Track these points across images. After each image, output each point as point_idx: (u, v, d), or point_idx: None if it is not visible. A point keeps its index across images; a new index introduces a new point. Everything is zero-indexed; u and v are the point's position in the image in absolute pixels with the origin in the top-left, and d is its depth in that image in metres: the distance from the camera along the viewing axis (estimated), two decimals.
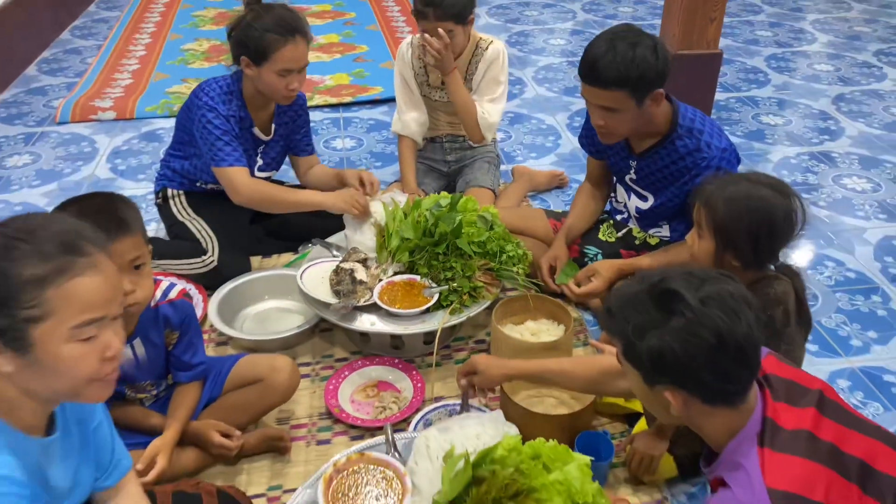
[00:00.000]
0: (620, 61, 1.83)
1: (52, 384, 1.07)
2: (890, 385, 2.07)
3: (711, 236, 1.58)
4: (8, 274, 1.00)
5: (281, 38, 2.15)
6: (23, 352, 1.02)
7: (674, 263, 1.98)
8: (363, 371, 2.05)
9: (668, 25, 3.47)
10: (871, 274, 2.53)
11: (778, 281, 1.59)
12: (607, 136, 2.01)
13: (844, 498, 1.11)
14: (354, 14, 5.22)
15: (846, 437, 1.17)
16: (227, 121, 2.24)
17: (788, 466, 1.12)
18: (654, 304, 1.15)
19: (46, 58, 4.45)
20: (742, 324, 1.11)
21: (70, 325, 1.03)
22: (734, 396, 1.16)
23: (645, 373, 1.19)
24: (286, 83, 2.21)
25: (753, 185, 1.56)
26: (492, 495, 1.27)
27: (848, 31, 4.99)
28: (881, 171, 3.21)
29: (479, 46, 2.62)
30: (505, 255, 2.13)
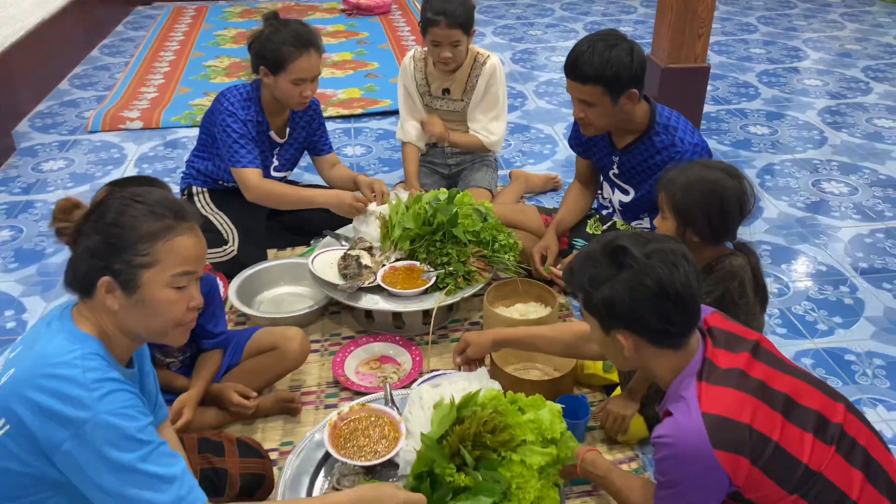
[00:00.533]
0: (598, 60, 2.05)
1: (147, 322, 1.28)
2: (850, 363, 2.26)
3: (672, 217, 1.78)
4: (133, 227, 1.23)
5: (296, 51, 2.40)
6: (130, 292, 1.24)
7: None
8: (367, 347, 2.26)
9: (658, 41, 3.70)
10: (840, 267, 2.72)
11: (734, 257, 1.79)
12: (587, 128, 2.22)
13: (768, 424, 1.30)
14: (367, 34, 5.50)
15: (775, 376, 1.37)
16: (245, 125, 2.48)
17: (721, 396, 1.31)
18: (606, 259, 1.36)
19: (78, 73, 4.75)
20: (680, 273, 1.31)
21: (170, 274, 1.25)
22: (677, 338, 1.36)
23: (601, 320, 1.39)
24: (300, 91, 2.45)
25: (706, 170, 1.76)
26: (472, 430, 1.47)
27: (839, 48, 5.20)
28: (859, 176, 3.40)
29: (476, 60, 2.86)
30: (497, 244, 2.34)
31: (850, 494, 1.29)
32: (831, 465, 1.30)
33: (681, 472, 1.33)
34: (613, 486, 1.60)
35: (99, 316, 1.27)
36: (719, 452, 1.26)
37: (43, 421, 1.14)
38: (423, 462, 1.47)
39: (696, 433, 1.28)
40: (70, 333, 1.23)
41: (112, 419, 1.15)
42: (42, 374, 1.16)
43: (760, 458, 1.28)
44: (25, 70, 4.09)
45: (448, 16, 2.66)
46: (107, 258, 1.23)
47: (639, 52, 2.11)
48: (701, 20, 3.53)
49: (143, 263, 1.23)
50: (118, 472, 1.14)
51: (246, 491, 1.66)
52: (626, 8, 6.22)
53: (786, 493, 1.29)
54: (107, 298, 1.24)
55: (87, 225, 1.26)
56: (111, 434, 1.14)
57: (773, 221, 3.03)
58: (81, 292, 1.28)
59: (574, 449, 1.57)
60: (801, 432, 1.31)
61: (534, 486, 1.43)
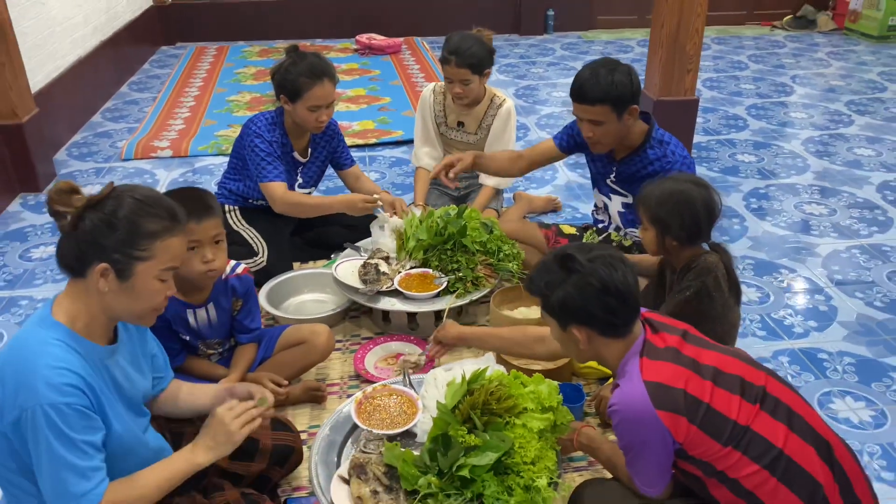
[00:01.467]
0: (603, 83, 2.32)
1: (131, 306, 1.44)
2: (822, 360, 2.48)
3: (651, 227, 2.03)
4: (138, 226, 1.40)
5: (310, 81, 2.67)
6: (123, 280, 1.40)
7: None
8: (385, 345, 2.50)
9: (650, 76, 4.00)
10: (817, 279, 2.96)
11: (708, 255, 2.03)
12: (596, 146, 2.48)
13: (700, 389, 1.52)
14: (379, 72, 5.84)
15: (703, 354, 1.59)
16: (271, 145, 2.76)
17: (659, 368, 1.54)
18: (557, 266, 1.60)
19: (109, 107, 5.08)
20: (619, 273, 1.56)
21: (160, 268, 1.43)
22: (621, 328, 1.59)
23: (558, 319, 1.63)
24: (315, 116, 2.73)
25: (677, 182, 2.01)
26: (481, 399, 1.71)
27: (824, 84, 5.51)
28: (838, 199, 3.66)
29: (493, 101, 3.15)
30: (502, 253, 2.60)
31: (776, 444, 1.49)
32: (757, 421, 1.50)
33: (633, 435, 1.55)
34: (604, 455, 1.81)
35: (82, 296, 1.42)
36: (660, 412, 1.48)
37: (3, 394, 1.34)
38: (439, 427, 1.70)
39: (640, 397, 1.50)
40: (41, 323, 1.40)
41: (51, 411, 1.31)
42: (9, 358, 1.37)
43: (696, 417, 1.49)
44: (63, 103, 4.41)
45: (459, 55, 2.95)
46: (108, 248, 1.38)
47: (635, 73, 2.39)
48: (689, 57, 3.83)
49: (141, 257, 1.40)
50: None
51: (277, 461, 1.87)
52: (623, 48, 6.56)
53: (721, 446, 1.50)
54: (100, 282, 1.39)
55: (92, 214, 1.39)
56: (49, 422, 1.31)
57: (758, 239, 3.28)
58: (73, 272, 1.42)
59: (570, 423, 1.80)
60: (729, 395, 1.52)
61: (534, 447, 1.66)
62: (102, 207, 1.39)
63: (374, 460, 1.70)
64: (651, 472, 1.58)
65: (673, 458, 1.56)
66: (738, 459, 1.49)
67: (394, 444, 1.72)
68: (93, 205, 1.39)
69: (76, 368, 1.37)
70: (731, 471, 1.50)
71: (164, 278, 1.46)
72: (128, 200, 1.40)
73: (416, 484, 1.62)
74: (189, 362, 2.18)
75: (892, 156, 4.18)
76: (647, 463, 1.57)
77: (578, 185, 3.82)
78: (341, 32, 6.77)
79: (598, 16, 7.18)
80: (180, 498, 1.62)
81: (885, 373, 2.42)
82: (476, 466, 1.60)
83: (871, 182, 3.85)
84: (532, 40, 6.85)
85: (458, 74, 2.99)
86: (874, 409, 2.27)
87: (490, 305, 2.52)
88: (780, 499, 1.47)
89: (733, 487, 1.50)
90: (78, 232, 1.39)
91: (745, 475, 1.49)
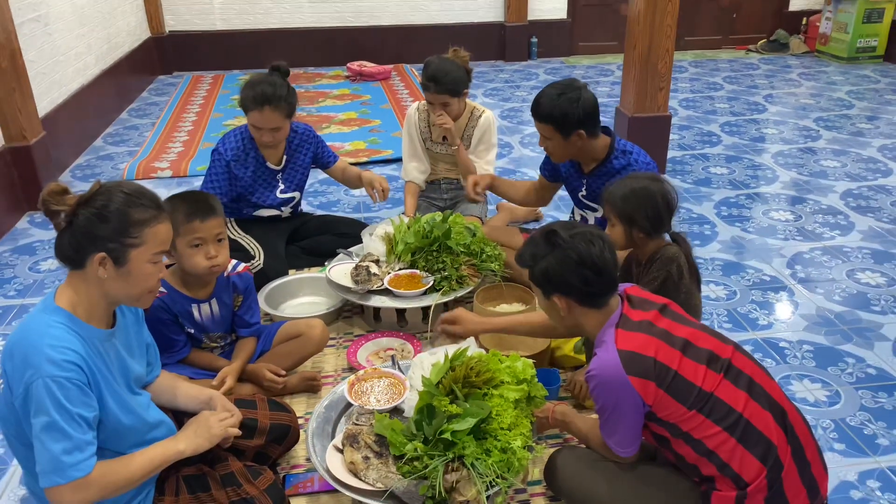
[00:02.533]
0: (547, 104, 2.53)
1: (129, 290, 1.59)
2: (783, 349, 2.67)
3: (619, 223, 2.21)
4: (128, 216, 1.54)
5: (252, 106, 2.80)
6: (120, 266, 1.55)
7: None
8: (376, 341, 2.67)
9: (625, 94, 4.24)
10: (782, 277, 3.16)
11: (670, 246, 2.22)
12: (550, 155, 2.70)
13: (669, 357, 1.68)
14: (369, 97, 6.09)
15: (676, 327, 1.75)
16: (225, 163, 2.92)
17: (632, 338, 1.71)
18: (542, 241, 1.79)
19: (110, 132, 5.29)
20: (596, 248, 1.74)
21: (152, 252, 1.58)
22: (598, 298, 1.77)
23: (542, 288, 1.81)
24: (259, 135, 2.89)
25: (636, 180, 2.21)
26: (462, 373, 1.88)
27: (795, 103, 5.77)
28: (804, 205, 3.88)
29: (473, 114, 3.37)
30: (484, 254, 2.78)
31: (737, 408, 1.66)
32: (720, 388, 1.67)
33: (606, 398, 1.71)
34: (577, 428, 1.97)
35: (83, 285, 1.56)
36: (632, 378, 1.65)
37: (13, 373, 1.49)
38: (424, 399, 1.87)
39: (613, 364, 1.67)
40: (44, 309, 1.55)
41: (52, 384, 1.45)
42: (17, 340, 1.52)
43: (664, 382, 1.65)
44: (68, 128, 4.61)
45: (436, 83, 3.17)
46: (103, 238, 1.52)
47: (587, 99, 2.54)
48: (661, 75, 4.07)
49: (133, 244, 1.55)
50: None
51: (275, 438, 2.03)
52: (604, 71, 6.84)
53: (686, 409, 1.66)
54: (99, 270, 1.54)
55: (85, 210, 1.52)
56: (49, 393, 1.45)
57: (726, 243, 3.48)
58: (72, 265, 1.57)
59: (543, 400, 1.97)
60: (696, 364, 1.68)
61: (510, 414, 1.83)
62: (94, 203, 1.54)
63: (366, 431, 1.87)
64: (624, 434, 1.73)
65: (643, 422, 1.72)
66: (702, 422, 1.65)
67: (383, 416, 1.89)
68: (84, 202, 1.54)
69: (76, 348, 1.52)
70: (695, 432, 1.66)
71: (156, 261, 1.61)
72: (117, 194, 1.55)
73: (404, 449, 1.79)
74: (193, 354, 2.35)
75: (855, 167, 4.41)
76: (621, 426, 1.72)
77: (559, 197, 4.01)
78: (333, 60, 7.04)
79: (580, 42, 7.48)
80: (188, 468, 1.79)
81: (841, 358, 2.61)
82: (457, 431, 1.77)
83: (835, 190, 4.07)
84: (516, 66, 7.13)
85: (438, 99, 3.21)
86: (829, 390, 2.45)
87: (474, 302, 2.71)
88: (738, 457, 1.63)
89: (697, 447, 1.66)
90: (73, 227, 1.54)
91: (707, 436, 1.65)
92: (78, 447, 1.49)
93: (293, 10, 6.98)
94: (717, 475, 1.65)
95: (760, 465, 1.62)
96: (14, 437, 1.60)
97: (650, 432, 1.76)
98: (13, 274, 3.27)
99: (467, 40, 6.82)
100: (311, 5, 6.98)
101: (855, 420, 2.31)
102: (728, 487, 1.65)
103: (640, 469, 1.80)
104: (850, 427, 2.28)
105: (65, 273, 1.61)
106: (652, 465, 1.84)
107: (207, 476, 1.76)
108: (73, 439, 1.48)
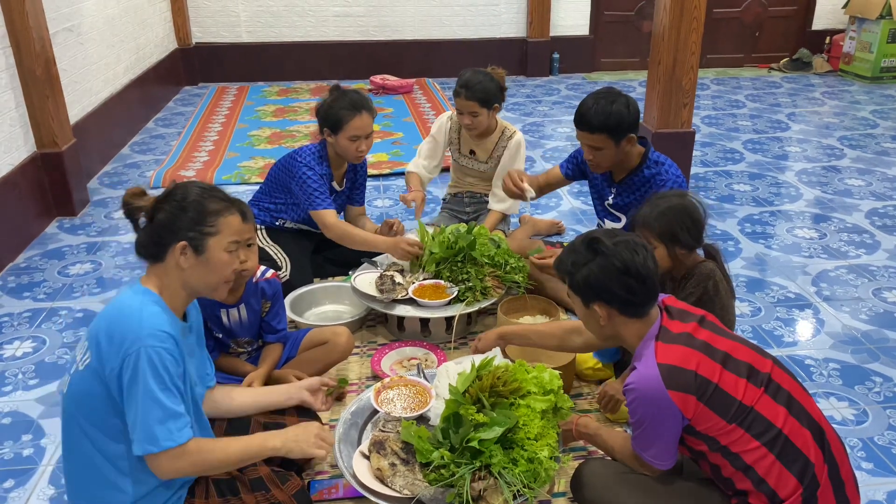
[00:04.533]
0: (602, 113, 2.54)
1: (207, 278, 1.69)
2: (809, 366, 2.65)
3: (659, 243, 2.18)
4: (205, 206, 1.68)
5: (349, 113, 2.90)
6: (199, 254, 1.66)
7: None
8: (400, 350, 2.69)
9: (649, 110, 4.24)
10: (807, 295, 3.14)
11: (706, 262, 2.21)
12: (596, 167, 2.69)
13: (710, 371, 1.67)
14: (392, 110, 6.13)
15: (716, 339, 1.74)
16: (321, 177, 2.98)
17: (672, 351, 1.70)
18: (584, 248, 1.79)
19: (137, 141, 5.37)
20: (640, 257, 1.74)
21: (227, 241, 1.70)
22: (639, 308, 1.77)
23: (582, 296, 1.81)
24: (356, 146, 2.96)
25: (664, 199, 2.19)
26: (489, 382, 1.89)
27: (818, 121, 5.75)
28: (829, 224, 3.86)
29: (504, 133, 3.39)
30: (508, 266, 2.80)
31: (776, 424, 1.65)
32: (760, 403, 1.66)
33: (645, 411, 1.69)
34: (602, 440, 1.97)
35: (164, 278, 1.66)
36: (672, 392, 1.63)
37: (109, 347, 1.55)
38: (451, 408, 1.88)
39: (653, 378, 1.65)
40: (136, 291, 1.65)
41: (153, 353, 1.53)
42: (114, 316, 1.59)
43: (704, 396, 1.64)
44: (97, 136, 4.69)
45: (468, 89, 3.19)
46: (182, 228, 1.65)
47: (634, 104, 2.60)
48: (685, 92, 4.07)
49: (210, 232, 1.67)
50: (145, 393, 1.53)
51: None
52: (626, 87, 6.84)
53: (726, 423, 1.65)
54: (180, 259, 1.64)
55: (164, 205, 1.67)
56: (150, 362, 1.52)
57: (751, 259, 3.47)
58: (153, 258, 1.68)
59: (570, 412, 1.97)
60: (736, 378, 1.67)
61: (537, 424, 1.83)
62: (172, 198, 1.68)
63: (392, 438, 1.88)
64: (661, 448, 1.72)
65: (681, 435, 1.70)
66: (741, 436, 1.63)
67: (410, 423, 1.90)
68: (163, 199, 1.69)
69: (171, 327, 1.61)
70: (733, 446, 1.64)
71: (231, 250, 1.71)
72: (193, 189, 1.70)
73: (430, 457, 1.79)
74: (220, 359, 2.37)
75: (881, 186, 4.39)
76: (659, 439, 1.71)
77: (581, 211, 4.04)
78: (357, 74, 7.11)
79: (602, 58, 7.51)
80: None
81: (868, 377, 2.59)
82: (484, 440, 1.77)
83: (860, 209, 4.04)
84: (538, 81, 7.16)
85: (467, 106, 3.22)
86: (856, 409, 2.43)
87: (497, 313, 2.71)
88: (775, 473, 1.62)
89: (734, 461, 1.65)
90: (154, 222, 1.67)
91: (746, 450, 1.63)
92: (172, 416, 1.55)
93: (318, 24, 7.07)
94: (752, 490, 1.64)
95: (797, 482, 1.61)
96: (85, 419, 1.61)
97: (686, 446, 1.74)
98: (43, 277, 3.32)
99: (489, 55, 6.88)
100: (335, 19, 7.07)
101: (883, 439, 2.29)
102: (762, 502, 1.64)
103: (670, 482, 1.79)
104: (878, 446, 2.26)
105: (94, 278, 1.67)
106: (681, 478, 1.83)
107: (237, 480, 1.78)
108: (168, 409, 1.55)
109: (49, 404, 2.50)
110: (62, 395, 1.68)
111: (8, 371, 2.67)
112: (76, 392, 1.62)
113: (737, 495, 1.69)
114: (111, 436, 1.61)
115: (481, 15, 7.18)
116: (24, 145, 3.76)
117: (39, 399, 2.52)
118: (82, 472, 1.66)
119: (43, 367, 2.69)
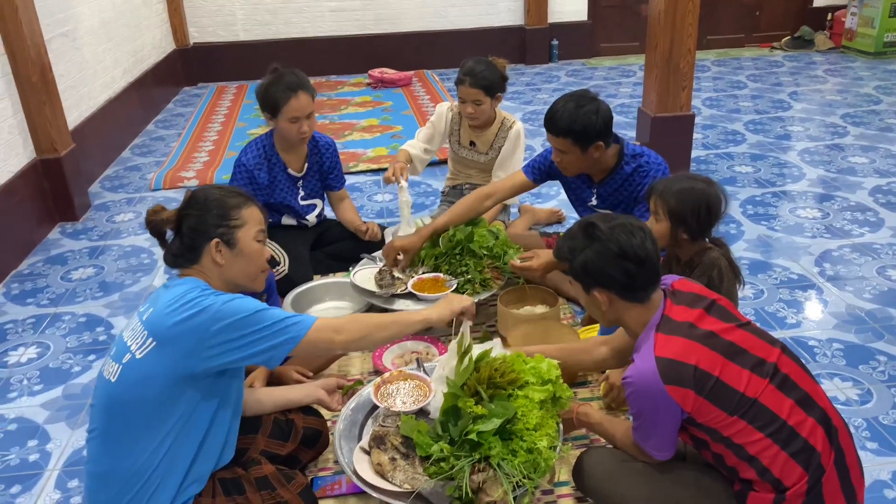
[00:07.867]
0: (568, 118, 2.47)
1: (245, 268, 1.80)
2: (813, 347, 2.63)
3: (666, 219, 2.15)
4: (226, 202, 1.78)
5: (286, 95, 2.83)
6: (232, 247, 1.76)
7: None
8: (401, 344, 2.68)
9: (647, 94, 4.22)
10: (810, 275, 3.12)
11: (711, 251, 2.18)
12: (564, 170, 2.65)
13: (710, 363, 1.63)
14: (391, 103, 6.12)
15: (722, 327, 1.70)
16: (248, 171, 2.95)
17: (672, 343, 1.66)
18: (581, 234, 1.78)
19: (137, 144, 5.38)
20: (637, 239, 1.72)
21: (255, 229, 1.80)
22: (640, 292, 1.75)
23: (582, 282, 1.80)
24: (297, 127, 2.90)
25: (692, 181, 2.16)
26: (486, 374, 1.89)
27: (821, 99, 5.69)
28: (832, 203, 3.83)
29: (504, 123, 3.37)
30: (507, 257, 2.79)
31: (781, 415, 1.62)
32: (765, 394, 1.62)
33: (643, 405, 1.68)
34: (603, 429, 1.96)
35: (202, 276, 1.75)
36: (669, 387, 1.60)
37: (187, 325, 1.59)
38: (449, 400, 1.87)
39: (650, 373, 1.62)
40: (183, 282, 1.71)
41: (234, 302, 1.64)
42: (175, 302, 1.63)
43: (703, 389, 1.61)
44: (96, 140, 4.70)
45: (473, 77, 3.17)
46: (212, 227, 1.75)
47: (605, 110, 2.50)
48: (683, 74, 4.04)
49: (237, 225, 1.78)
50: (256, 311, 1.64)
51: (307, 442, 2.06)
52: (625, 72, 6.81)
53: (727, 415, 1.62)
54: (216, 256, 1.75)
55: (190, 210, 1.78)
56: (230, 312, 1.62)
57: (753, 241, 3.44)
58: (188, 262, 1.77)
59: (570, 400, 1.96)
60: (740, 369, 1.64)
61: (535, 415, 1.82)
62: (195, 202, 1.79)
63: (392, 432, 1.88)
64: (660, 439, 1.70)
65: (680, 426, 1.68)
66: (744, 428, 1.60)
67: (409, 417, 1.90)
68: (186, 206, 1.80)
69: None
70: (736, 437, 1.62)
71: (260, 238, 1.83)
72: (211, 191, 1.83)
73: (430, 450, 1.79)
74: None
75: (885, 162, 4.34)
76: (657, 431, 1.70)
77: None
78: (355, 68, 7.09)
79: (601, 43, 7.46)
80: (222, 471, 1.81)
81: (873, 356, 2.57)
82: (483, 431, 1.77)
83: (864, 187, 4.01)
84: (538, 69, 7.13)
85: (471, 95, 3.20)
86: (861, 389, 2.41)
87: (497, 305, 2.71)
88: (780, 463, 1.59)
89: (738, 452, 1.63)
90: (184, 230, 1.77)
91: (749, 441, 1.61)
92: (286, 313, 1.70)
93: (314, 20, 7.05)
94: (757, 479, 1.62)
95: (802, 470, 1.59)
96: (137, 402, 1.61)
97: (689, 435, 1.73)
98: (46, 283, 3.34)
99: (488, 45, 6.84)
100: (331, 14, 7.05)
101: (888, 419, 2.27)
102: (766, 490, 1.62)
103: (673, 469, 1.77)
104: (883, 426, 2.24)
105: (97, 282, 1.70)
106: (684, 465, 1.82)
107: (242, 479, 1.79)
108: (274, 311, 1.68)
109: (54, 409, 2.52)
110: (104, 386, 1.66)
111: (13, 377, 2.69)
112: (132, 379, 1.62)
113: (741, 483, 1.68)
114: (162, 416, 1.63)
115: (478, 4, 7.14)
116: (24, 152, 3.78)
117: (44, 405, 2.54)
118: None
119: (47, 372, 2.71)
